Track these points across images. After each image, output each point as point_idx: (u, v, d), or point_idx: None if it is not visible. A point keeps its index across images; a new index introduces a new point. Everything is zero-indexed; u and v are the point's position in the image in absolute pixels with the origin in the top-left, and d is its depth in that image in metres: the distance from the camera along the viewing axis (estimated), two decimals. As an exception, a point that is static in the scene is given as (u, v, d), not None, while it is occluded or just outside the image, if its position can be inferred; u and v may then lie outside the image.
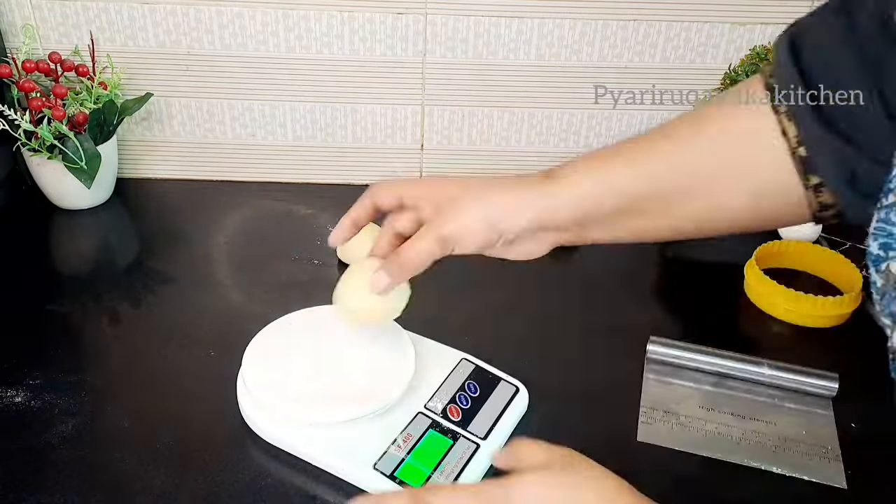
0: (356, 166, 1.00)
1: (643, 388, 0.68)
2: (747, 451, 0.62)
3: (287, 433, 0.59)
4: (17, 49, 0.88)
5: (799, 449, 0.62)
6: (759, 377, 0.68)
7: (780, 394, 0.68)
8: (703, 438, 0.63)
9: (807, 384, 0.67)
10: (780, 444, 0.63)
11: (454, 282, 0.84)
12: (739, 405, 0.67)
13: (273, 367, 0.62)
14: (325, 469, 0.58)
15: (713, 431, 0.64)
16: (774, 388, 0.68)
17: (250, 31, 0.90)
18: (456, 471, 0.57)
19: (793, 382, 0.68)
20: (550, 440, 0.61)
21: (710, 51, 0.94)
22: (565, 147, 1.00)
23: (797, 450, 0.62)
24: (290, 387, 0.60)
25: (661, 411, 0.65)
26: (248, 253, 0.86)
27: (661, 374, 0.70)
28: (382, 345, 0.65)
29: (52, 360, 0.68)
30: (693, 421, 0.65)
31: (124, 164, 0.99)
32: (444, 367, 0.65)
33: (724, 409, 0.66)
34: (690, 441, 0.63)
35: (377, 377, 0.62)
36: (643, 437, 0.63)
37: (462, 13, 0.90)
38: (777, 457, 0.62)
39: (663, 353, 0.70)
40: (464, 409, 0.62)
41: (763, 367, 0.68)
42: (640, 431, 0.64)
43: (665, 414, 0.65)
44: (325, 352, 0.64)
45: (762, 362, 0.68)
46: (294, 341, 0.65)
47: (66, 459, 0.58)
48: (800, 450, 0.62)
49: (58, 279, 0.82)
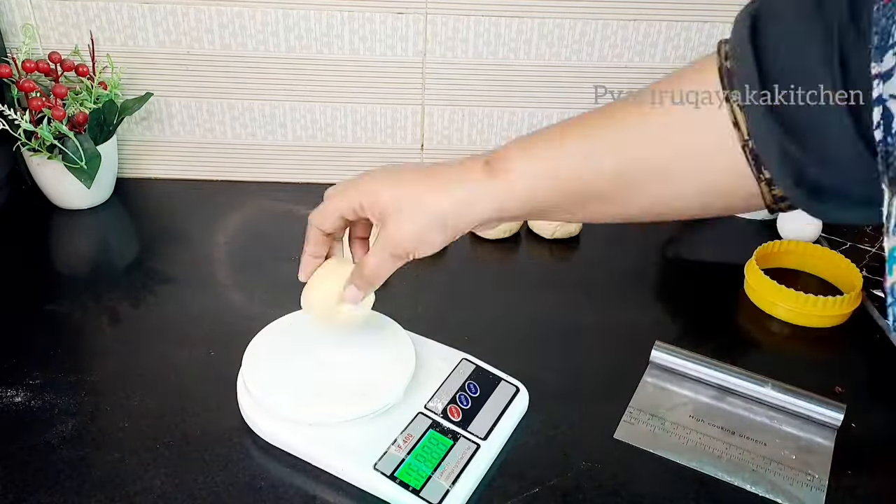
0: (356, 166, 1.00)
1: (637, 390, 0.67)
2: (726, 465, 0.60)
3: (287, 433, 0.59)
4: (17, 49, 0.88)
5: (783, 472, 0.60)
6: (761, 396, 0.66)
7: (780, 416, 0.65)
8: (682, 446, 0.62)
9: (810, 410, 0.64)
10: (763, 464, 0.60)
11: (456, 282, 0.84)
12: (732, 420, 0.65)
13: (273, 367, 0.62)
14: (324, 469, 0.58)
15: (695, 441, 0.62)
16: (776, 409, 0.66)
17: (250, 31, 0.90)
18: (456, 471, 0.57)
19: (795, 406, 0.65)
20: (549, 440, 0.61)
21: (710, 51, 0.94)
22: (565, 147, 1.00)
23: (781, 473, 0.60)
24: (290, 387, 0.60)
25: (648, 414, 0.65)
26: (248, 253, 0.86)
27: (661, 380, 0.69)
28: (382, 345, 0.65)
29: (52, 360, 0.68)
30: (678, 428, 0.63)
31: (124, 164, 0.99)
32: (444, 368, 0.65)
33: (715, 423, 0.64)
34: (667, 447, 0.62)
35: (377, 377, 0.62)
36: (620, 435, 0.62)
37: (462, 13, 0.90)
38: (756, 476, 0.59)
39: (667, 359, 0.69)
40: (464, 410, 0.62)
41: (767, 386, 0.66)
42: (619, 429, 0.63)
43: (650, 417, 0.64)
44: (324, 352, 0.64)
45: (766, 381, 0.66)
46: (294, 341, 0.65)
47: (66, 459, 0.58)
48: (783, 473, 0.60)
49: (58, 279, 0.82)
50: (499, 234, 0.88)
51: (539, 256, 0.89)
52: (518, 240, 0.91)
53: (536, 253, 0.89)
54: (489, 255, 0.88)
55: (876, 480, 0.61)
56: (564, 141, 0.47)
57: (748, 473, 0.60)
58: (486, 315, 0.77)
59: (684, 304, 0.81)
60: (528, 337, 0.75)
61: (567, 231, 0.89)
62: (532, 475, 0.59)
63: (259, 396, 0.60)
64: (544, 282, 0.84)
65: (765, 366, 0.74)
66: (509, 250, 0.89)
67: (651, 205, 0.47)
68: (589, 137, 0.47)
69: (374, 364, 0.63)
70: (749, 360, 0.75)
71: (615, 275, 0.85)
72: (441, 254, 0.88)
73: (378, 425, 0.59)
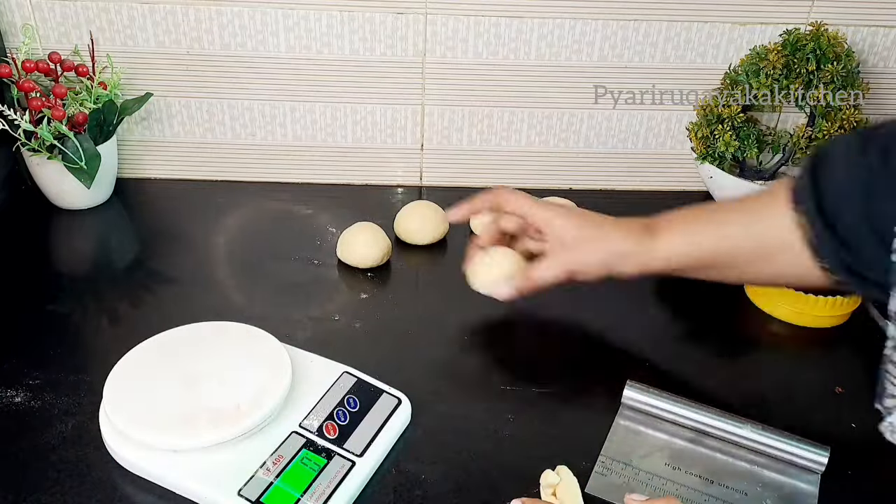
0: (356, 166, 1.00)
1: (609, 435, 0.62)
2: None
3: (146, 461, 0.56)
4: (17, 49, 0.88)
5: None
6: (739, 439, 0.62)
7: (761, 459, 0.61)
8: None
9: (792, 454, 0.60)
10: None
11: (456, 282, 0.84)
12: (710, 467, 0.60)
13: (136, 391, 0.59)
14: (189, 497, 0.55)
15: (672, 493, 0.58)
16: (756, 452, 0.61)
17: (250, 31, 0.90)
18: (328, 492, 0.54)
19: (775, 451, 0.61)
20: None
21: (710, 51, 0.94)
22: (565, 147, 1.00)
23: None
24: (153, 412, 0.57)
25: (621, 463, 0.60)
26: (248, 253, 0.86)
27: (634, 422, 0.64)
28: (257, 362, 0.62)
29: (52, 360, 0.68)
30: (653, 479, 0.59)
31: (124, 164, 0.99)
32: (324, 382, 0.63)
33: (692, 470, 0.60)
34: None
35: (248, 397, 0.58)
36: (592, 489, 0.57)
37: (462, 13, 0.90)
38: None
39: (640, 399, 0.64)
40: (341, 426, 0.59)
41: (745, 428, 0.61)
42: (591, 482, 0.58)
43: (624, 467, 0.60)
44: (196, 371, 0.61)
45: (745, 423, 0.61)
46: (164, 363, 0.62)
47: (66, 459, 0.58)
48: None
49: (58, 279, 0.82)
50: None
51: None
52: (518, 240, 0.90)
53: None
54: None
55: (875, 480, 0.61)
56: (699, 215, 0.64)
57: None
58: (486, 315, 0.77)
59: (684, 304, 0.81)
60: (528, 338, 0.75)
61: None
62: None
63: (118, 424, 0.57)
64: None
65: (765, 366, 0.74)
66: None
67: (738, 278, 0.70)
68: (711, 221, 0.64)
69: (247, 383, 0.60)
70: (749, 360, 0.75)
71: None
72: (441, 253, 0.89)
73: (247, 447, 0.57)
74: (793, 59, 0.86)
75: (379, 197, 0.99)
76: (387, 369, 0.66)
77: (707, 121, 0.91)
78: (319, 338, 0.72)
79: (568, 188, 1.02)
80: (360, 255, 0.82)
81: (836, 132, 0.88)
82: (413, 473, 0.58)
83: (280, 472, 0.55)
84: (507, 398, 0.66)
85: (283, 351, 0.63)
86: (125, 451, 0.57)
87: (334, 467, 0.56)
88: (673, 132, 1.00)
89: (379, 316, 0.76)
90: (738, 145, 0.90)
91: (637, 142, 1.00)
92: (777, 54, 0.86)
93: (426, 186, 1.02)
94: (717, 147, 0.90)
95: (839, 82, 0.86)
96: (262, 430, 0.58)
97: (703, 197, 1.00)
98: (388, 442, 0.60)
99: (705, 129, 0.91)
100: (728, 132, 0.89)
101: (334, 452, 0.57)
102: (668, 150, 1.01)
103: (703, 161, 0.92)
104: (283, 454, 0.57)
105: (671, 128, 1.00)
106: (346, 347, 0.70)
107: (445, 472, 0.58)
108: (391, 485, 0.57)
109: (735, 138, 0.89)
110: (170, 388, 0.59)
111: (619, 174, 1.02)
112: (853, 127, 0.89)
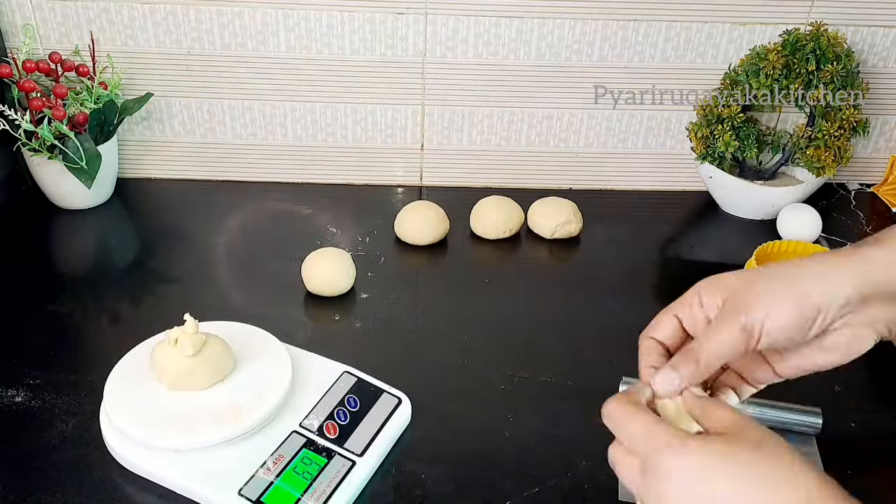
0: (356, 166, 1.00)
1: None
2: None
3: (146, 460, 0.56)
4: (17, 49, 0.88)
5: None
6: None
7: None
8: None
9: (787, 420, 0.61)
10: None
11: (456, 282, 0.84)
12: None
13: (137, 391, 0.59)
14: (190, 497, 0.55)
15: None
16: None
17: (250, 31, 0.90)
18: (328, 491, 0.54)
19: (769, 420, 0.61)
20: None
21: (710, 51, 0.94)
22: (565, 147, 1.00)
23: None
24: (154, 411, 0.57)
25: None
26: (248, 253, 0.86)
27: None
28: (257, 362, 0.62)
29: (52, 360, 0.68)
30: None
31: (124, 164, 0.99)
32: (324, 382, 0.63)
33: None
34: None
35: (249, 397, 0.59)
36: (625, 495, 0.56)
37: (462, 13, 0.90)
38: None
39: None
40: (342, 426, 0.59)
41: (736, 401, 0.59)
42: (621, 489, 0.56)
43: None
44: None
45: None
46: None
47: (66, 459, 0.58)
48: None
49: (58, 279, 0.82)
50: (499, 233, 0.89)
51: (539, 256, 0.89)
52: (518, 240, 0.91)
53: (536, 253, 0.89)
54: (489, 255, 0.88)
55: (874, 478, 0.61)
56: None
57: None
58: (487, 315, 0.77)
59: (684, 303, 0.81)
60: (528, 338, 0.75)
61: (567, 231, 0.89)
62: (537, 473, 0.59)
63: (119, 424, 0.57)
64: (544, 281, 0.84)
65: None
66: (509, 250, 0.89)
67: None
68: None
69: (247, 382, 0.60)
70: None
71: (615, 275, 0.85)
72: (441, 253, 0.89)
73: (248, 447, 0.57)
74: (793, 59, 0.86)
75: (379, 197, 0.99)
76: (387, 369, 0.66)
77: (707, 121, 0.91)
78: (319, 338, 0.72)
79: (568, 188, 1.02)
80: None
81: (835, 132, 0.88)
82: (413, 473, 0.58)
83: (280, 471, 0.55)
84: (507, 398, 0.66)
85: (283, 351, 0.63)
86: (126, 451, 0.57)
87: (334, 467, 0.56)
88: (673, 132, 1.00)
89: (379, 316, 0.76)
90: (738, 145, 0.90)
91: (637, 142, 1.00)
92: (777, 54, 0.86)
93: (426, 186, 1.02)
94: (716, 147, 0.90)
95: (839, 82, 0.86)
96: (262, 429, 0.58)
97: (702, 197, 1.00)
98: (389, 441, 0.60)
99: (705, 129, 0.91)
100: (728, 132, 0.89)
101: (335, 452, 0.58)
102: (668, 150, 1.01)
103: (703, 161, 0.92)
104: (283, 454, 0.57)
105: (671, 128, 1.00)
106: (346, 347, 0.70)
107: (445, 472, 0.58)
108: (391, 484, 0.57)
109: (735, 138, 0.89)
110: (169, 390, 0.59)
111: (619, 174, 1.02)
112: (853, 127, 0.89)
